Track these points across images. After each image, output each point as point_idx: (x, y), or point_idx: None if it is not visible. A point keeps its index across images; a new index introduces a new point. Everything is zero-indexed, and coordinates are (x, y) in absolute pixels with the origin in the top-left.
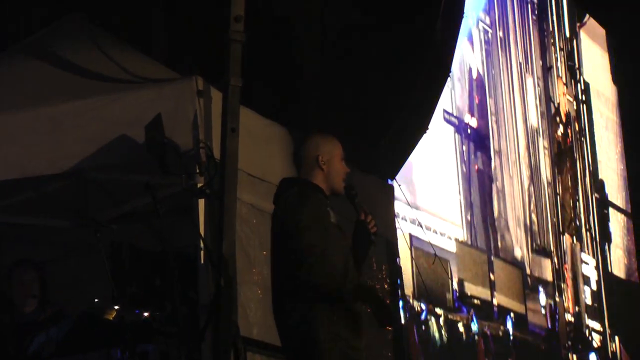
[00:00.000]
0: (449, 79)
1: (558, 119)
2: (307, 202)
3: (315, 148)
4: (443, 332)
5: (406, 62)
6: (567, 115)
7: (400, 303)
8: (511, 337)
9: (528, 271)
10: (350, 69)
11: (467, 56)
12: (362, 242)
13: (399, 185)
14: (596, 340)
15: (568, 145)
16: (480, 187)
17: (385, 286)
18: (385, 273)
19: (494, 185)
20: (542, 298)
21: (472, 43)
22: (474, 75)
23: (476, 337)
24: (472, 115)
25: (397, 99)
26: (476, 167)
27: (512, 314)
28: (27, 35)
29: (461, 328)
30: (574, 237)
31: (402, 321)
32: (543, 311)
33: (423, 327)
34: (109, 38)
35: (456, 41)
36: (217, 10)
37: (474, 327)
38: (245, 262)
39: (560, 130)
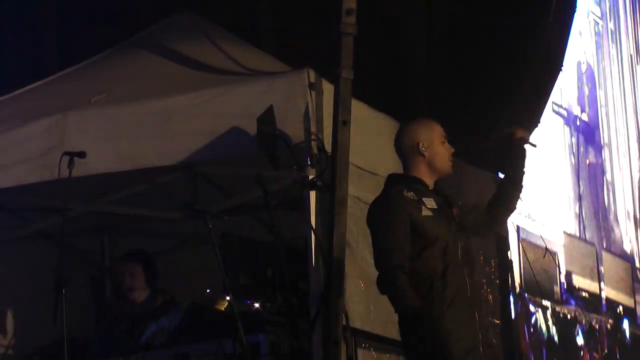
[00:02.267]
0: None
1: None
2: (381, 207)
3: (413, 136)
4: (550, 325)
5: (516, 57)
6: None
7: (511, 297)
8: (621, 331)
9: (638, 265)
10: (457, 65)
11: (577, 48)
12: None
13: None
14: None
15: None
16: (592, 179)
17: (496, 281)
18: (494, 267)
19: (604, 178)
20: None
21: (582, 35)
22: (584, 68)
23: (583, 329)
24: (582, 107)
25: (507, 94)
26: (587, 160)
27: (621, 308)
28: (137, 32)
29: (569, 321)
30: None
31: (512, 315)
32: None
33: (532, 321)
34: (220, 31)
35: (569, 36)
36: (326, 3)
37: (582, 319)
38: (348, 255)
39: None
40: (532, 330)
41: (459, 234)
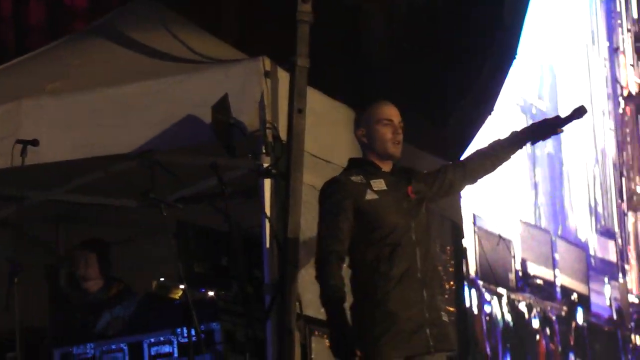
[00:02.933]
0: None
1: (624, 100)
2: (325, 192)
3: (356, 124)
4: (506, 313)
5: (472, 45)
6: (634, 96)
7: (466, 285)
8: (574, 318)
9: (592, 252)
10: (416, 53)
11: (534, 38)
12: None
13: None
14: None
15: (634, 126)
16: (549, 169)
17: (450, 268)
18: (450, 255)
19: (562, 168)
20: (606, 279)
21: (539, 25)
22: (542, 58)
23: (538, 317)
24: (540, 97)
25: (463, 82)
26: (546, 150)
27: (575, 295)
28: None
29: (524, 308)
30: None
31: (467, 303)
32: (606, 292)
33: (487, 309)
34: (178, 20)
35: (523, 25)
36: None
37: (536, 307)
38: (303, 243)
39: (627, 111)
40: (487, 318)
41: (414, 212)
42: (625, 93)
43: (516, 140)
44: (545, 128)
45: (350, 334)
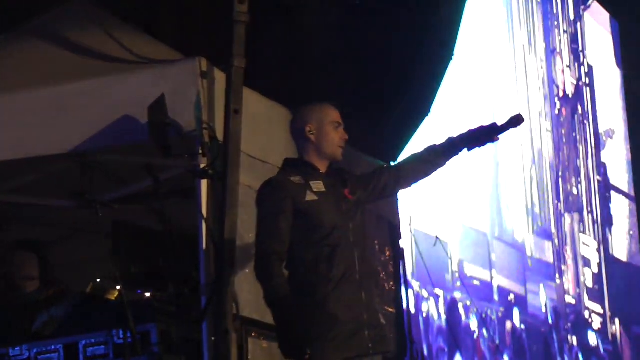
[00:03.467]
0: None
1: (560, 101)
2: (264, 192)
3: (303, 120)
4: (442, 314)
5: (408, 45)
6: (570, 97)
7: (403, 286)
8: (511, 319)
9: (529, 253)
10: (353, 53)
11: (471, 38)
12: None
13: None
14: (596, 322)
15: (570, 127)
16: (487, 170)
17: (389, 269)
18: (389, 255)
19: (498, 168)
20: (543, 280)
21: (476, 25)
22: (478, 58)
23: (475, 318)
24: (477, 97)
25: (400, 82)
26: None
27: (512, 296)
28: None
29: (460, 309)
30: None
31: (404, 304)
32: (543, 293)
33: (424, 309)
34: (115, 20)
35: (460, 24)
36: None
37: (473, 308)
38: (239, 244)
39: (563, 112)
40: (424, 318)
41: (351, 214)
42: (561, 94)
43: (452, 147)
44: (481, 135)
45: (300, 332)
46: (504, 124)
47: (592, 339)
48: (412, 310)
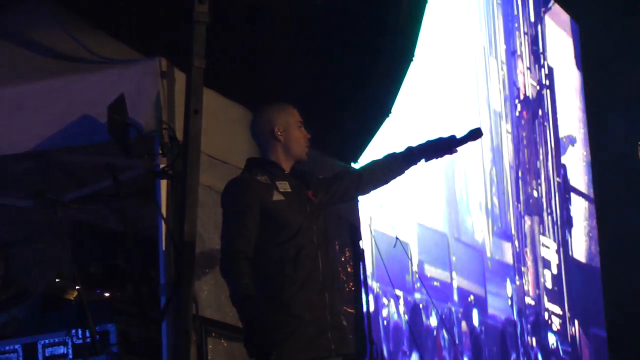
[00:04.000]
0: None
1: (521, 103)
2: (231, 191)
3: (269, 120)
4: (402, 314)
5: (369, 46)
6: (530, 99)
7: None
8: (470, 320)
9: (489, 254)
10: (313, 53)
11: (432, 38)
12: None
13: None
14: (556, 323)
15: (530, 129)
16: (446, 171)
17: (349, 269)
18: (349, 256)
19: (457, 168)
20: (502, 281)
21: (437, 26)
22: (439, 59)
23: (435, 318)
24: (438, 98)
25: (360, 83)
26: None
27: (472, 297)
28: None
29: (420, 310)
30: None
31: (364, 305)
32: (503, 294)
33: (384, 310)
34: (74, 19)
35: (421, 24)
36: None
37: (433, 309)
38: (199, 244)
39: (523, 114)
40: (384, 319)
41: (315, 215)
42: (522, 96)
43: (411, 157)
44: (440, 147)
45: (266, 332)
46: (462, 137)
47: (552, 340)
48: (372, 310)
